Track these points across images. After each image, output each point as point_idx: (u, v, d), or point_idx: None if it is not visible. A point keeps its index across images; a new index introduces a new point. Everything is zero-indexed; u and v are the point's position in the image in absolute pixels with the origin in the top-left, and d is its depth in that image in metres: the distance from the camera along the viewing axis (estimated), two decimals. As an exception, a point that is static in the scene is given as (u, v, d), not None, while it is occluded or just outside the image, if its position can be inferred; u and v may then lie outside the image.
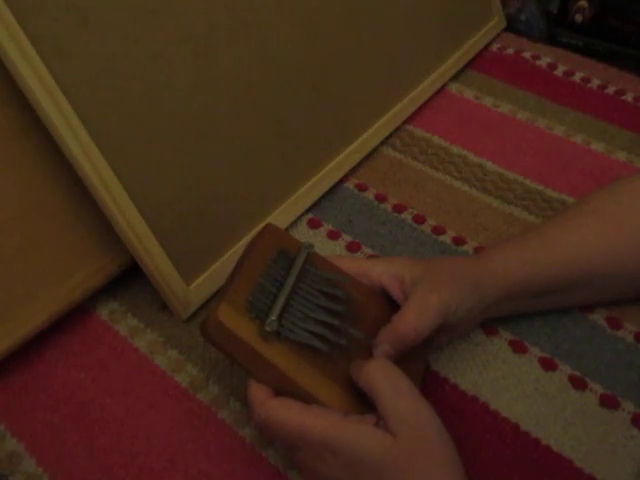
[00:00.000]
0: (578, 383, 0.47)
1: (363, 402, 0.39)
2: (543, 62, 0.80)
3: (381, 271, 0.46)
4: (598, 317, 0.52)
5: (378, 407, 0.37)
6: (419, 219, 0.61)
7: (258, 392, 0.39)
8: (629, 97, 0.75)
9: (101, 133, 0.45)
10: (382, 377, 0.38)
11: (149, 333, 0.52)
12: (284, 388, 0.39)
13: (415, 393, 0.37)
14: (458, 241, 0.59)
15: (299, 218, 0.61)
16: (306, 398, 0.38)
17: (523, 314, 0.51)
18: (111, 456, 0.45)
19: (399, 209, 0.62)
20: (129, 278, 0.54)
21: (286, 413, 0.37)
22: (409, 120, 0.71)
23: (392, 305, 0.45)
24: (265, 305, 0.40)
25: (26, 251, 0.48)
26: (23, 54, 0.41)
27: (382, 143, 0.68)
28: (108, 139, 0.46)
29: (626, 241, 0.47)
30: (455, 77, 0.77)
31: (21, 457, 0.45)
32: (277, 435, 0.38)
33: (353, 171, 0.66)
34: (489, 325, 0.51)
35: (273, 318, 0.38)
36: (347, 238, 0.59)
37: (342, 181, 0.65)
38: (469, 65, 0.79)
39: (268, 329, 0.38)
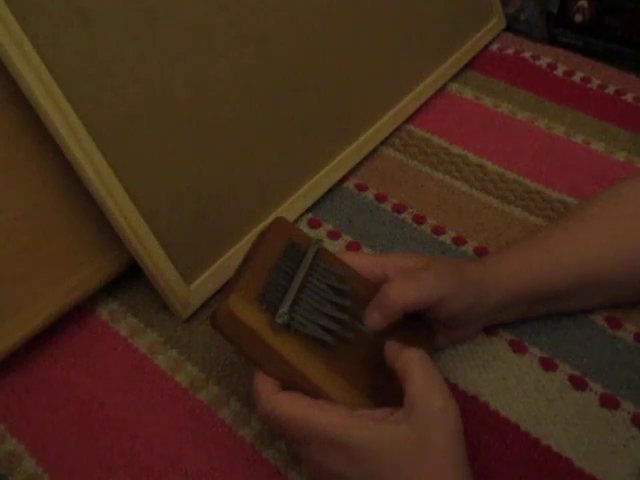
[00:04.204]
0: (578, 383, 0.47)
1: (370, 398, 0.39)
2: (543, 62, 0.80)
3: (386, 264, 0.46)
4: (598, 317, 0.52)
5: (408, 394, 0.37)
6: (419, 219, 0.61)
7: (264, 384, 0.39)
8: (629, 97, 0.75)
9: (101, 133, 0.45)
10: (420, 367, 0.38)
11: (149, 333, 0.52)
12: (292, 381, 0.39)
13: (447, 392, 0.37)
14: (458, 241, 0.59)
15: (299, 218, 0.61)
16: (314, 392, 0.38)
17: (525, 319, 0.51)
18: (111, 456, 0.45)
19: (399, 209, 0.62)
20: (129, 278, 0.54)
21: (293, 407, 0.37)
22: (409, 120, 0.71)
23: None
24: (276, 297, 0.40)
25: (26, 251, 0.48)
26: (23, 54, 0.41)
27: (382, 143, 0.68)
28: (108, 139, 0.46)
29: (628, 246, 0.47)
30: (455, 77, 0.77)
31: (21, 457, 0.45)
32: (283, 429, 0.38)
33: (353, 171, 0.66)
34: (489, 325, 0.51)
35: (284, 310, 0.38)
36: (347, 238, 0.59)
37: (342, 181, 0.65)
38: (469, 65, 0.79)
39: (279, 321, 0.38)
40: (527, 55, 0.82)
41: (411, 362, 0.38)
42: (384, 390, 0.40)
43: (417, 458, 0.35)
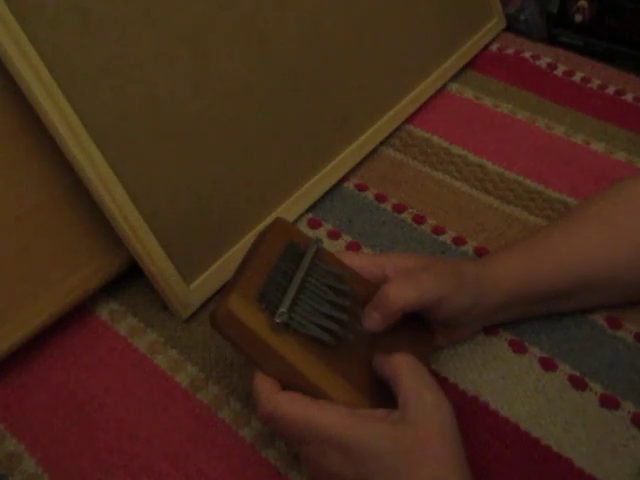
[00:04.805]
0: (578, 383, 0.47)
1: (370, 398, 0.39)
2: (543, 62, 0.80)
3: (385, 264, 0.46)
4: (598, 317, 0.52)
5: (400, 395, 0.37)
6: (419, 219, 0.61)
7: (264, 384, 0.39)
8: (629, 97, 0.75)
9: (101, 133, 0.45)
10: (408, 368, 0.38)
11: (149, 333, 0.52)
12: (291, 381, 0.39)
13: (438, 389, 0.37)
14: (458, 241, 0.59)
15: (299, 218, 0.61)
16: (313, 391, 0.38)
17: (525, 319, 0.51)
18: (111, 456, 0.45)
19: (399, 209, 0.62)
20: (129, 278, 0.54)
21: (293, 407, 0.37)
22: (409, 120, 0.71)
23: None
24: (275, 297, 0.40)
25: (26, 251, 0.48)
26: (23, 54, 0.41)
27: (382, 143, 0.68)
28: (108, 139, 0.46)
29: (628, 245, 0.47)
30: (455, 77, 0.77)
31: (21, 457, 0.45)
32: (283, 428, 0.38)
33: (353, 171, 0.66)
34: (489, 325, 0.51)
35: (283, 310, 0.39)
36: (347, 238, 0.59)
37: (342, 181, 0.65)
38: (469, 65, 0.79)
39: (278, 321, 0.38)
40: (527, 55, 0.82)
41: (399, 365, 0.38)
42: (384, 390, 0.40)
43: (416, 456, 0.35)
